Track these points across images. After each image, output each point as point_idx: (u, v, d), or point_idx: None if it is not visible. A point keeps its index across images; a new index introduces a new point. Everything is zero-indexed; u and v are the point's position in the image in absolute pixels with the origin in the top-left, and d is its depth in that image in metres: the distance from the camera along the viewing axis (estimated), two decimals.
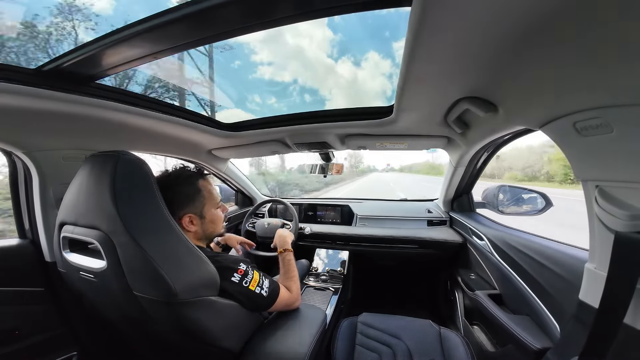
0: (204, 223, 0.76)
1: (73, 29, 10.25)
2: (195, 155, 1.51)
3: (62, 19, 10.14)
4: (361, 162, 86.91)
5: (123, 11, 34.98)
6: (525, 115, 0.69)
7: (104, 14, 26.05)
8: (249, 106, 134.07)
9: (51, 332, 0.92)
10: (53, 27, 9.78)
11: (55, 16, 10.20)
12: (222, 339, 0.65)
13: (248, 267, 0.71)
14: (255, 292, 0.69)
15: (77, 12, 10.74)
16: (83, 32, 10.28)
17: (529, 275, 0.89)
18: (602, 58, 0.42)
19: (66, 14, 10.42)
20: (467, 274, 1.30)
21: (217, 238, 1.19)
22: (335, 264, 1.60)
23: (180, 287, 0.54)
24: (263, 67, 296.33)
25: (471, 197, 1.58)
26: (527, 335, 0.78)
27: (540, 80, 0.55)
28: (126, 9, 37.19)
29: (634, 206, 0.49)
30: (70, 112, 0.77)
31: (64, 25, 10.15)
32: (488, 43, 0.50)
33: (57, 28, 9.85)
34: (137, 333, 0.73)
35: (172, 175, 0.74)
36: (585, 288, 0.62)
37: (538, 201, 1.19)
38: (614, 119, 0.47)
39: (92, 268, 0.60)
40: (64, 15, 10.31)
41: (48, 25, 9.73)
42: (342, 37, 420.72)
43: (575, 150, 0.60)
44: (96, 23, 11.23)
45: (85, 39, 9.28)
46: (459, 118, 0.94)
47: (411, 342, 0.94)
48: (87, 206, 0.58)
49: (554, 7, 0.38)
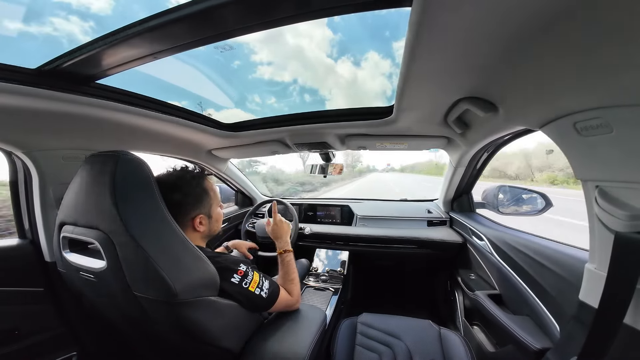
0: (211, 222, 0.78)
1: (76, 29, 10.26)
2: (195, 156, 1.51)
3: (61, 19, 10.15)
4: (359, 162, 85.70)
5: (122, 11, 35.15)
6: (525, 115, 0.69)
7: (102, 13, 26.19)
8: (248, 106, 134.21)
9: (51, 332, 0.92)
10: (51, 27, 9.78)
11: (54, 16, 10.21)
12: (221, 339, 0.65)
13: (248, 268, 0.71)
14: (255, 294, 0.69)
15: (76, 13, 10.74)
16: (82, 31, 10.30)
17: (529, 276, 0.89)
18: (603, 58, 0.42)
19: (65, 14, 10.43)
20: (467, 274, 1.30)
21: (226, 243, 1.22)
22: (335, 264, 1.60)
23: (180, 287, 0.54)
24: (263, 67, 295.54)
25: (471, 197, 1.58)
26: (527, 335, 0.78)
27: (540, 80, 0.55)
28: (125, 9, 37.25)
29: (634, 206, 0.49)
30: (70, 112, 0.77)
31: (63, 25, 10.16)
32: (488, 43, 0.50)
33: (56, 28, 9.86)
34: (136, 333, 0.73)
35: (177, 176, 0.73)
36: (585, 288, 0.62)
37: (538, 201, 1.18)
38: (614, 119, 0.47)
39: (92, 268, 0.60)
40: (62, 16, 10.31)
41: (47, 24, 9.75)
42: (342, 36, 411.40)
43: (575, 150, 0.60)
44: (94, 24, 11.25)
45: (84, 39, 9.29)
46: (459, 118, 0.94)
47: (411, 343, 0.93)
48: (86, 206, 0.58)
49: (555, 7, 0.38)
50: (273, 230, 1.01)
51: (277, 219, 1.04)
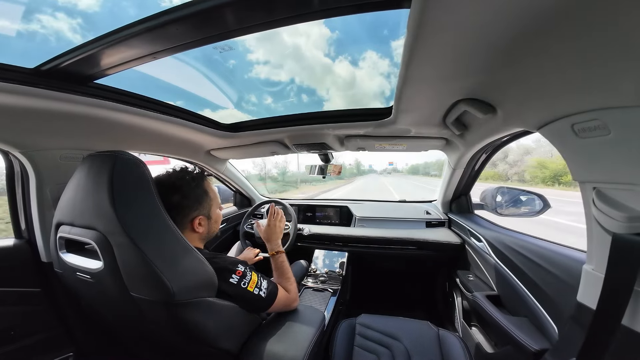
0: (210, 223, 0.78)
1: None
2: (194, 156, 1.51)
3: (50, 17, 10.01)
4: (349, 164, 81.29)
5: (110, 7, 34.46)
6: (523, 117, 0.69)
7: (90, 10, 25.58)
8: (244, 106, 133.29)
9: (47, 333, 0.92)
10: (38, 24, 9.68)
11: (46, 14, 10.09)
12: (220, 340, 0.64)
13: (246, 268, 0.71)
14: (254, 294, 0.70)
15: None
16: (71, 29, 10.17)
17: (527, 277, 0.89)
18: (600, 60, 0.42)
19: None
20: (466, 275, 1.30)
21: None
22: (333, 265, 1.60)
23: (177, 288, 0.53)
24: (259, 66, 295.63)
25: (469, 199, 1.58)
26: (525, 336, 0.78)
27: (538, 82, 0.55)
28: (113, 5, 36.37)
29: (631, 208, 0.49)
30: (69, 111, 0.77)
31: (51, 22, 10.04)
32: (487, 45, 0.50)
33: (44, 26, 9.75)
34: (133, 334, 0.73)
35: (177, 177, 0.73)
36: (583, 289, 0.62)
37: (536, 203, 1.19)
38: (611, 120, 0.48)
39: (89, 268, 0.59)
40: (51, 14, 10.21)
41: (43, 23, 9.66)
42: (340, 34, 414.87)
43: (572, 152, 0.60)
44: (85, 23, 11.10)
45: (74, 36, 9.08)
46: (457, 119, 0.94)
47: (409, 344, 0.93)
48: (84, 206, 0.57)
49: (552, 9, 0.39)
50: (266, 232, 1.02)
51: (271, 221, 1.04)
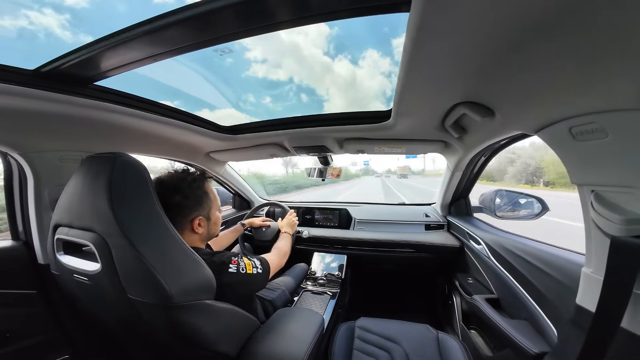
0: (209, 225, 0.80)
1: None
2: (193, 158, 1.51)
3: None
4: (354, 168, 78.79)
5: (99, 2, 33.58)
6: (522, 120, 0.70)
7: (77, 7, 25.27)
8: (242, 106, 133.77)
9: (43, 335, 0.91)
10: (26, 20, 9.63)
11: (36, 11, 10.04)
12: (218, 343, 0.64)
13: (238, 257, 0.76)
14: (253, 274, 0.76)
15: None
16: (60, 25, 10.10)
17: (527, 280, 0.89)
18: (598, 63, 0.42)
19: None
20: (465, 278, 1.30)
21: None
22: (333, 268, 1.60)
23: (175, 290, 0.53)
24: (257, 65, 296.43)
25: (468, 202, 1.59)
26: (524, 339, 0.78)
27: (537, 85, 0.56)
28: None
29: (630, 210, 0.49)
30: (68, 113, 0.77)
31: (40, 19, 9.99)
32: (485, 48, 0.51)
33: (32, 22, 9.70)
34: (131, 336, 0.72)
35: (178, 178, 0.75)
36: (582, 292, 0.62)
37: (535, 206, 1.19)
38: (608, 123, 0.48)
39: (86, 270, 0.59)
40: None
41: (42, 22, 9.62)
42: (339, 31, 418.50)
43: (570, 155, 0.61)
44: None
45: (63, 33, 9.01)
46: (456, 123, 0.95)
47: (409, 347, 0.93)
48: (82, 208, 0.57)
49: (551, 14, 0.39)
50: (285, 221, 1.37)
51: (290, 217, 1.40)
